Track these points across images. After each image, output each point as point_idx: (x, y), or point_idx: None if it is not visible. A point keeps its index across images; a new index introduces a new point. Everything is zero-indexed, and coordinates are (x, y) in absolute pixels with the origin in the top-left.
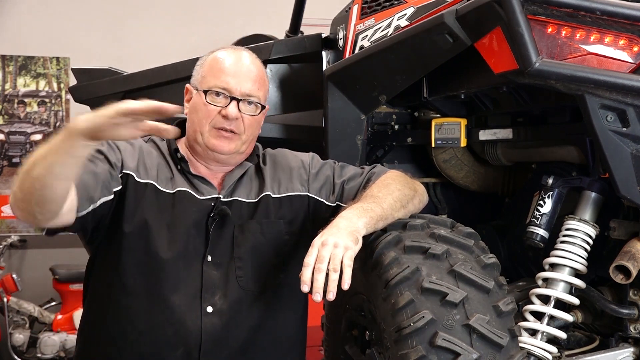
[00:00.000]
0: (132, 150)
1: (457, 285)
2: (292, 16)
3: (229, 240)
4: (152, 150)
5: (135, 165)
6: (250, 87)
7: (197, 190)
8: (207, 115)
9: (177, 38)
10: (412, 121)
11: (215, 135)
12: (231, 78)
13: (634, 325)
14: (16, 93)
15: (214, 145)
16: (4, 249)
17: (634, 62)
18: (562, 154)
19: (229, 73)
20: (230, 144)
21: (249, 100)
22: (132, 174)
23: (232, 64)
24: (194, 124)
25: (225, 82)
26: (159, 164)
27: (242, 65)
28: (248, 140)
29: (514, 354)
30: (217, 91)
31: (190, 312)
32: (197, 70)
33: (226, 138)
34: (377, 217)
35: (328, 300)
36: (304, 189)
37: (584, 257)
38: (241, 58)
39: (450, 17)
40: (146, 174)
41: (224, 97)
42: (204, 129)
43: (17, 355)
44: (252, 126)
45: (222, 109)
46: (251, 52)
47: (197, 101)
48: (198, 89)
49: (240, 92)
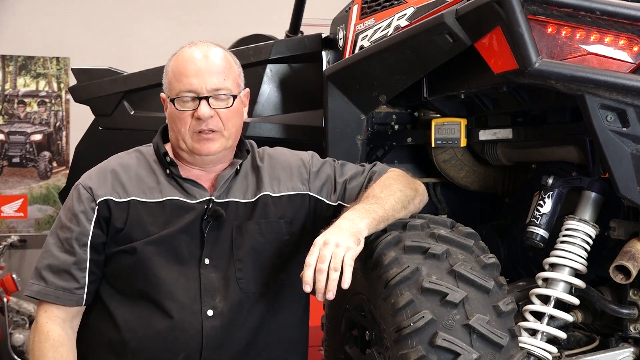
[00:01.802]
0: (104, 177)
1: (457, 285)
2: (292, 16)
3: (228, 242)
4: (131, 162)
5: (110, 189)
6: (215, 81)
7: (188, 195)
8: (183, 122)
9: (177, 38)
10: (412, 121)
11: (197, 139)
12: (194, 78)
13: (634, 325)
14: (16, 93)
15: (199, 150)
16: (4, 249)
17: (634, 62)
18: (562, 154)
19: (190, 73)
20: (215, 144)
21: (217, 94)
22: (109, 198)
23: (192, 62)
24: (175, 133)
25: (188, 84)
26: (139, 175)
27: (202, 61)
28: (232, 134)
29: (514, 354)
30: (184, 96)
31: (191, 317)
32: (164, 78)
33: (208, 139)
34: (379, 218)
35: (327, 300)
36: (304, 188)
37: (584, 257)
38: (201, 53)
39: (450, 17)
40: (125, 192)
41: (192, 99)
42: (185, 136)
43: (17, 355)
44: (230, 119)
45: (194, 112)
46: (210, 42)
47: (170, 110)
48: (168, 98)
49: (207, 88)
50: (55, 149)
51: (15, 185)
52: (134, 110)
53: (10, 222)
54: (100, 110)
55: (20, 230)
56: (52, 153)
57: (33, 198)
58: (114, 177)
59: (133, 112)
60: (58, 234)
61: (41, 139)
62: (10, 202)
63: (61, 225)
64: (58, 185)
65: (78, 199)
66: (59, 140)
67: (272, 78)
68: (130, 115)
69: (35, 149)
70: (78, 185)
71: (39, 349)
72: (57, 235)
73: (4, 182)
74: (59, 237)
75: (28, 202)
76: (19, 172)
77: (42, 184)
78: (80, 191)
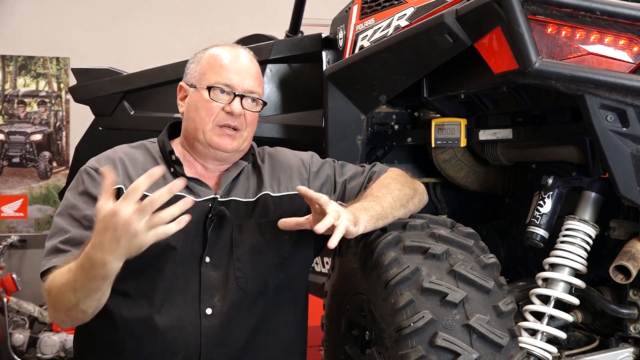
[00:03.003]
0: (113, 165)
1: (457, 285)
2: (292, 16)
3: (228, 241)
4: (138, 156)
5: (121, 179)
6: (252, 83)
7: (193, 193)
8: (210, 113)
9: (177, 38)
10: (412, 121)
11: (219, 133)
12: (234, 74)
13: (634, 325)
14: (16, 93)
15: (217, 144)
16: (4, 249)
17: (634, 62)
18: (562, 154)
19: (231, 69)
20: (233, 142)
21: (251, 97)
22: (120, 187)
23: (232, 60)
24: (195, 122)
25: (228, 79)
26: (145, 169)
27: (242, 61)
28: (248, 137)
29: (514, 354)
30: (221, 88)
31: (189, 316)
32: (192, 68)
33: (229, 136)
34: (377, 215)
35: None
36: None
37: (584, 257)
38: (240, 55)
39: (450, 17)
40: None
41: (227, 94)
42: (206, 126)
43: (17, 355)
44: (252, 122)
45: (225, 106)
46: (246, 48)
47: (196, 99)
48: (197, 87)
49: (243, 88)
50: (55, 149)
51: (15, 185)
52: (134, 110)
53: (10, 222)
54: (100, 110)
55: (20, 230)
56: (52, 153)
57: (33, 198)
58: (122, 167)
59: (133, 112)
60: (72, 214)
61: (41, 139)
62: (10, 202)
63: (73, 206)
64: (58, 185)
65: (92, 181)
66: (59, 140)
67: (272, 78)
68: (130, 115)
69: (35, 149)
70: (88, 169)
71: (55, 287)
72: (71, 215)
73: (4, 182)
74: (73, 217)
75: (28, 202)
76: (19, 172)
77: (42, 184)
78: (92, 174)
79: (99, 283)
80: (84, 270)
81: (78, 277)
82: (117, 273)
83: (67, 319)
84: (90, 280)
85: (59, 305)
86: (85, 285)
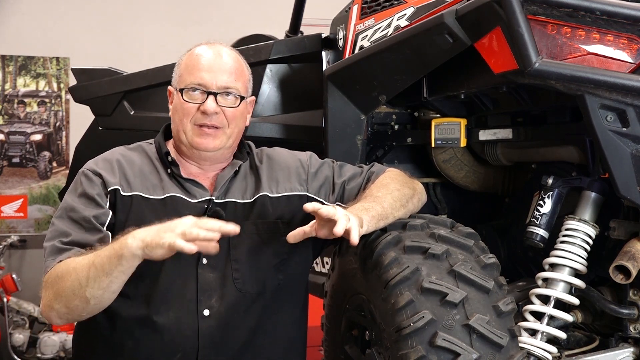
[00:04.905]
0: (110, 167)
1: (457, 285)
2: (292, 16)
3: (225, 242)
4: (135, 157)
5: (118, 180)
6: (226, 79)
7: (189, 194)
8: (187, 113)
9: (177, 38)
10: (412, 121)
11: (198, 133)
12: (206, 73)
13: (634, 325)
14: (16, 93)
15: (198, 144)
16: (4, 249)
17: (634, 62)
18: (562, 154)
19: (203, 68)
20: (215, 140)
21: (226, 92)
22: (117, 188)
23: (207, 58)
24: (177, 125)
25: (200, 78)
26: (142, 171)
27: (217, 58)
28: (233, 134)
29: (514, 354)
30: (193, 87)
31: (187, 317)
32: (175, 71)
33: (209, 135)
34: (378, 215)
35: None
36: (302, 189)
37: (584, 257)
38: (216, 52)
39: (450, 17)
40: (129, 186)
41: (201, 93)
42: (186, 127)
43: (17, 355)
44: (235, 118)
45: (200, 105)
46: (227, 45)
47: (177, 101)
48: (177, 89)
49: (217, 85)
50: (55, 149)
51: (15, 185)
52: (134, 110)
53: (10, 222)
54: (100, 110)
55: (20, 230)
56: (52, 153)
57: (33, 198)
58: (120, 169)
59: (133, 112)
60: (71, 216)
61: (41, 139)
62: (10, 202)
63: (72, 208)
64: (58, 185)
65: (90, 183)
66: (58, 140)
67: (272, 78)
68: (130, 115)
69: (35, 149)
70: (86, 171)
71: (61, 276)
72: (71, 217)
73: (4, 182)
74: (73, 219)
75: (28, 202)
76: (19, 172)
77: (42, 184)
78: (90, 176)
79: (120, 276)
80: (113, 250)
81: (101, 254)
82: (132, 268)
83: (64, 310)
84: (110, 261)
85: (62, 290)
86: (106, 264)
